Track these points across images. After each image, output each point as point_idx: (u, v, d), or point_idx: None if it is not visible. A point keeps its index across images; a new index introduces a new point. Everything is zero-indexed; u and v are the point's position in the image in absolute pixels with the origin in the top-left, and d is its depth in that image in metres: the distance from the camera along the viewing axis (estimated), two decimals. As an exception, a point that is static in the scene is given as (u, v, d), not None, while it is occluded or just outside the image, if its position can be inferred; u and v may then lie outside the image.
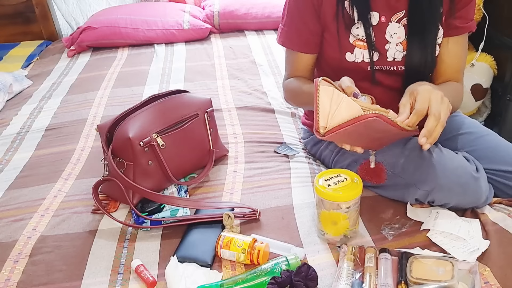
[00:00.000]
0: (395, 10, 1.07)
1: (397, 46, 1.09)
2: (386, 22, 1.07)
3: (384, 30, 1.08)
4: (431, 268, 0.87)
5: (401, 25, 1.07)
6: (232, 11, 2.50)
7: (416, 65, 1.09)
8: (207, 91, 1.81)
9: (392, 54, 1.10)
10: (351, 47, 1.09)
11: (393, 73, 1.12)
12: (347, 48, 1.10)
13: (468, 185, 0.99)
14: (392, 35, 1.08)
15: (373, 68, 1.10)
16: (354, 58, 1.10)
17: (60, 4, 2.78)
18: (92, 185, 1.13)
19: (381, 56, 1.10)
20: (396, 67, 1.11)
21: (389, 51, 1.09)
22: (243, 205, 1.09)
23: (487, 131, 1.19)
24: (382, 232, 1.00)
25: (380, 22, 1.07)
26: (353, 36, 1.08)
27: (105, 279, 0.95)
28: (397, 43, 1.09)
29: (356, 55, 1.10)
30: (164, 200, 1.07)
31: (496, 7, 1.92)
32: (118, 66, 2.15)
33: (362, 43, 1.08)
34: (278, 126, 1.50)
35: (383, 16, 1.07)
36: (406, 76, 1.11)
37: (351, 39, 1.09)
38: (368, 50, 1.08)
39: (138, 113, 1.15)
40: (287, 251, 0.97)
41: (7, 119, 1.73)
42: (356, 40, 1.08)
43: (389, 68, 1.12)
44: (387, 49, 1.09)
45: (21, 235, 1.08)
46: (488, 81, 1.97)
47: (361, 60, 1.10)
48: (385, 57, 1.10)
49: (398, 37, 1.08)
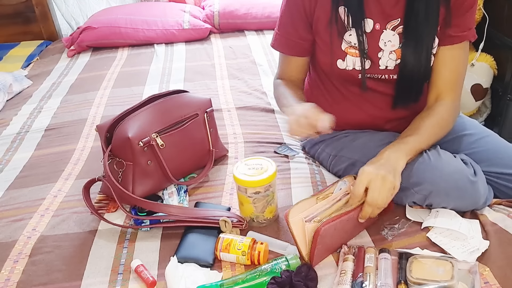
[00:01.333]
0: (390, 18, 1.05)
1: (390, 54, 1.07)
2: (381, 29, 1.06)
3: (378, 37, 1.07)
4: (431, 268, 0.87)
5: (396, 33, 1.06)
6: (232, 11, 2.50)
7: (410, 73, 1.08)
8: (207, 91, 1.81)
9: (384, 62, 1.08)
10: (343, 54, 1.08)
11: (384, 81, 1.11)
12: (338, 55, 1.09)
13: (465, 189, 0.99)
14: (386, 42, 1.06)
15: (364, 76, 1.10)
16: (345, 65, 1.09)
17: (60, 4, 2.78)
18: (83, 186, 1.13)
19: (373, 64, 1.09)
20: (388, 75, 1.10)
21: (381, 59, 1.08)
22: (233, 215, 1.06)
23: (487, 132, 1.18)
24: (381, 232, 1.00)
25: (374, 29, 1.06)
26: (345, 43, 1.07)
27: (105, 279, 0.95)
28: (390, 51, 1.07)
29: (348, 63, 1.09)
30: (156, 208, 1.06)
31: (496, 7, 1.92)
32: (118, 66, 2.15)
33: (354, 51, 1.07)
34: (278, 126, 1.50)
35: (377, 24, 1.06)
36: (399, 84, 1.10)
37: (343, 46, 1.08)
38: (360, 58, 1.07)
39: (138, 113, 1.15)
40: (283, 249, 0.97)
41: (7, 119, 1.73)
42: (348, 47, 1.07)
43: (380, 77, 1.10)
44: (380, 57, 1.08)
45: (21, 235, 1.08)
46: (488, 81, 1.97)
47: (352, 68, 1.09)
48: (377, 65, 1.09)
49: (392, 45, 1.07)
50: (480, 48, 1.95)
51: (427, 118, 1.06)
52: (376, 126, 1.18)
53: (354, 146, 1.13)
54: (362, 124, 1.19)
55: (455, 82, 1.09)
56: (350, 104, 1.17)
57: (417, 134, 1.02)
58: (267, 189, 1.02)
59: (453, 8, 1.03)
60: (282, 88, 1.18)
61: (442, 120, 1.07)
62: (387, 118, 1.17)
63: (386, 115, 1.16)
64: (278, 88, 1.21)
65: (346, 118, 1.19)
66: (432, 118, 1.06)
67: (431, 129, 1.04)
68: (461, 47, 1.08)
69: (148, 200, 1.07)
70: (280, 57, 1.23)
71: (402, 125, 1.17)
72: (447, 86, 1.08)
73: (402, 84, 1.10)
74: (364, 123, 1.18)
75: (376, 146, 1.09)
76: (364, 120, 1.18)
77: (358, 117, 1.18)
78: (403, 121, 1.17)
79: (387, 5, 1.04)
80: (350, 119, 1.19)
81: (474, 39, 1.09)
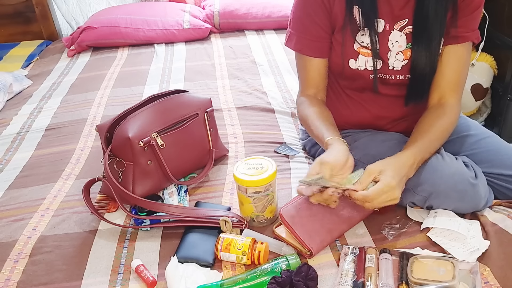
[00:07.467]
0: (398, 18, 1.05)
1: (397, 55, 1.07)
2: (389, 30, 1.06)
3: (387, 38, 1.06)
4: (432, 269, 0.87)
5: (403, 34, 1.05)
6: (232, 11, 2.50)
7: (421, 72, 1.07)
8: (207, 91, 1.81)
9: (392, 63, 1.08)
10: (355, 54, 1.08)
11: (390, 82, 1.11)
12: (351, 54, 1.08)
13: (465, 191, 0.99)
14: (394, 43, 1.06)
15: (376, 76, 1.09)
16: (357, 65, 1.09)
17: (60, 4, 2.78)
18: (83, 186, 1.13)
19: (384, 64, 1.08)
20: (394, 76, 1.10)
21: (390, 60, 1.08)
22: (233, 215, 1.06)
23: (488, 133, 1.18)
24: (382, 232, 1.00)
25: (385, 29, 1.06)
26: (357, 43, 1.07)
27: (105, 279, 0.95)
28: (397, 51, 1.07)
29: (360, 63, 1.08)
30: (156, 208, 1.06)
31: (496, 7, 1.92)
32: (118, 66, 2.15)
33: (366, 51, 1.07)
34: (278, 126, 1.50)
35: (387, 24, 1.05)
36: (411, 84, 1.09)
37: (355, 46, 1.07)
38: (372, 57, 1.07)
39: (138, 113, 1.15)
40: (279, 248, 0.98)
41: (7, 119, 1.73)
42: (360, 47, 1.07)
43: (388, 77, 1.10)
44: (389, 57, 1.08)
45: (21, 235, 1.08)
46: (488, 81, 1.97)
47: (364, 68, 1.09)
48: (387, 66, 1.08)
49: (399, 46, 1.06)
50: (480, 48, 1.95)
51: (437, 122, 1.05)
52: (378, 126, 1.18)
53: (355, 146, 1.13)
54: (364, 124, 1.18)
55: (457, 83, 1.09)
56: (354, 104, 1.17)
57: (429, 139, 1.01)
58: (267, 189, 1.02)
59: (460, 8, 1.03)
60: (308, 109, 1.12)
61: (450, 125, 1.07)
62: (390, 119, 1.17)
63: (389, 115, 1.16)
64: (303, 109, 1.14)
65: (349, 118, 1.19)
66: (442, 121, 1.05)
67: (440, 133, 1.04)
68: (465, 48, 1.07)
69: (148, 200, 1.07)
70: (300, 64, 1.17)
71: (403, 125, 1.17)
72: (450, 86, 1.08)
73: (414, 83, 1.09)
74: (366, 123, 1.18)
75: (377, 146, 1.09)
76: (367, 120, 1.18)
77: (362, 117, 1.18)
78: (405, 121, 1.17)
79: (396, 5, 1.04)
80: (353, 119, 1.19)
81: (478, 41, 1.08)
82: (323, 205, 0.97)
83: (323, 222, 0.98)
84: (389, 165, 0.93)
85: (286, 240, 0.98)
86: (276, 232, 1.01)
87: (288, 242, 0.98)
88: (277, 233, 1.00)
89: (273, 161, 1.04)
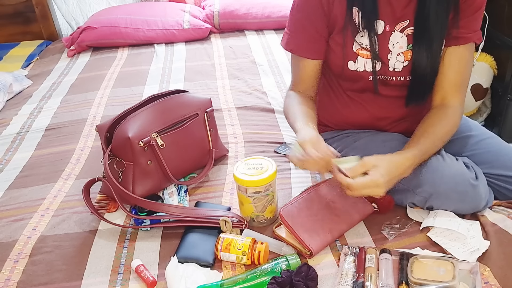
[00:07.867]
0: (399, 20, 1.04)
1: (398, 56, 1.07)
2: (390, 31, 1.05)
3: (387, 39, 1.06)
4: (432, 269, 0.87)
5: (404, 35, 1.05)
6: (232, 11, 2.50)
7: (423, 73, 1.06)
8: (207, 91, 1.81)
9: (392, 64, 1.08)
10: (354, 56, 1.08)
11: (391, 83, 1.11)
12: (350, 56, 1.08)
13: (466, 192, 0.99)
14: (395, 44, 1.06)
15: (375, 78, 1.09)
16: (356, 67, 1.09)
17: (60, 4, 2.78)
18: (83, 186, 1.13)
19: (383, 66, 1.08)
20: (395, 77, 1.09)
21: (390, 61, 1.08)
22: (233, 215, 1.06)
23: (488, 134, 1.18)
24: (382, 232, 1.00)
25: (385, 31, 1.05)
26: (357, 44, 1.06)
27: (105, 279, 0.95)
28: (398, 53, 1.07)
29: (359, 64, 1.08)
30: (156, 208, 1.06)
31: (496, 7, 1.92)
32: (118, 66, 2.15)
33: (365, 52, 1.06)
34: (278, 126, 1.50)
35: (387, 25, 1.05)
36: (412, 85, 1.09)
37: (354, 47, 1.07)
38: (371, 59, 1.06)
39: (138, 113, 1.15)
40: (279, 248, 0.98)
41: (7, 119, 1.73)
42: (359, 49, 1.07)
43: (389, 79, 1.10)
44: (389, 58, 1.07)
45: (21, 235, 1.08)
46: (488, 81, 1.98)
47: (363, 70, 1.09)
48: (387, 67, 1.08)
49: (400, 47, 1.06)
50: (480, 48, 1.96)
51: (439, 123, 1.05)
52: (378, 127, 1.18)
53: (355, 146, 1.13)
54: (365, 125, 1.18)
55: (460, 84, 1.08)
56: (355, 104, 1.17)
57: (430, 141, 1.01)
58: (267, 189, 1.02)
59: (462, 9, 1.02)
60: (292, 101, 1.13)
61: (453, 126, 1.06)
62: (391, 119, 1.17)
63: (390, 116, 1.16)
64: (288, 100, 1.16)
65: (350, 119, 1.19)
66: (444, 123, 1.05)
67: (442, 135, 1.04)
68: (467, 49, 1.07)
69: (148, 200, 1.07)
70: (293, 62, 1.18)
71: (403, 125, 1.17)
72: (453, 87, 1.08)
73: (415, 85, 1.09)
74: (367, 123, 1.18)
75: (378, 146, 1.08)
76: (368, 121, 1.18)
77: (362, 117, 1.17)
78: (405, 121, 1.17)
79: (398, 6, 1.03)
80: (354, 120, 1.19)
81: (480, 41, 1.08)
82: (323, 205, 0.97)
83: (323, 222, 0.98)
84: (384, 162, 0.94)
85: (286, 240, 0.98)
86: (276, 232, 1.01)
87: (288, 242, 0.98)
88: (277, 233, 1.00)
89: (273, 161, 1.05)
